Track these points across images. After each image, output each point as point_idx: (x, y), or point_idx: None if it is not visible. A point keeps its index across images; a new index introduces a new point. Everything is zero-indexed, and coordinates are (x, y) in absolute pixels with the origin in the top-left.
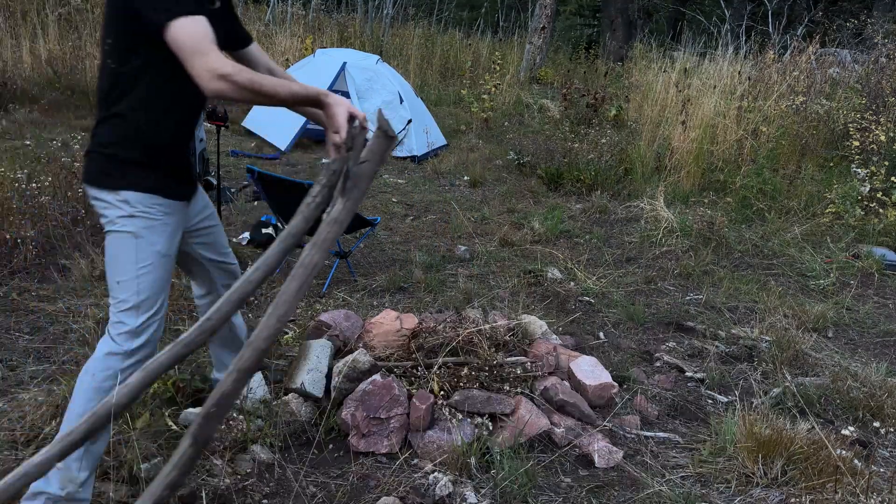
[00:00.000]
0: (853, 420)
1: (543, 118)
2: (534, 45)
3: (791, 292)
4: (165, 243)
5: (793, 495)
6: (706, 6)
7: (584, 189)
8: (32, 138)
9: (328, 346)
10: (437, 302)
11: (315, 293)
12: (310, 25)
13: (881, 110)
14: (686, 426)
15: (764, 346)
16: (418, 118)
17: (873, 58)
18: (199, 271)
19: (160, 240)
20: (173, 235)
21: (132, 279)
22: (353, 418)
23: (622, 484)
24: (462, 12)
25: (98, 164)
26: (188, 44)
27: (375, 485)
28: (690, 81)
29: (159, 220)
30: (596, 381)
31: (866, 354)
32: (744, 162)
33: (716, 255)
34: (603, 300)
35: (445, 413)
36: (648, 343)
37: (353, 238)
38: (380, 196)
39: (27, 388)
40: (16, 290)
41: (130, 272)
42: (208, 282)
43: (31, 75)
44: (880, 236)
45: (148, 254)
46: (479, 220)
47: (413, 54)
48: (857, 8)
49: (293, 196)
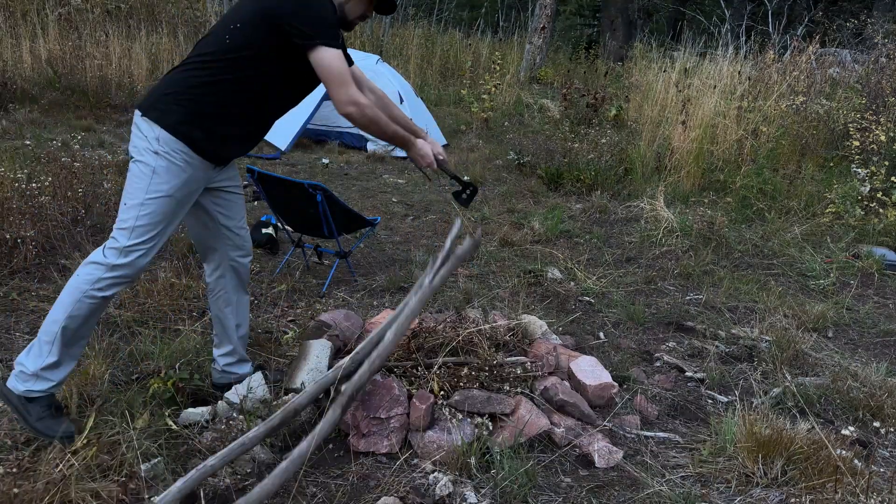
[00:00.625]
0: (853, 420)
1: (543, 118)
2: (534, 45)
3: (791, 292)
4: (178, 187)
5: (793, 495)
6: (706, 6)
7: (584, 189)
8: (32, 138)
9: (328, 346)
10: (437, 302)
11: (315, 293)
12: None
13: (881, 110)
14: (686, 426)
15: (764, 346)
16: (418, 118)
17: (873, 58)
18: (212, 238)
19: (174, 181)
20: (187, 184)
21: (137, 204)
22: (352, 418)
23: (622, 484)
24: (462, 12)
25: (154, 98)
26: (336, 71)
27: (375, 485)
28: (690, 81)
29: (179, 165)
30: (596, 381)
31: (866, 354)
32: (744, 162)
33: (716, 255)
34: (603, 300)
35: (445, 413)
36: (648, 343)
37: (354, 238)
38: (380, 196)
39: None
40: (16, 290)
41: (138, 198)
42: (218, 254)
43: (31, 75)
44: (880, 236)
45: (159, 189)
46: (479, 220)
47: (413, 54)
48: (857, 8)
49: (293, 196)
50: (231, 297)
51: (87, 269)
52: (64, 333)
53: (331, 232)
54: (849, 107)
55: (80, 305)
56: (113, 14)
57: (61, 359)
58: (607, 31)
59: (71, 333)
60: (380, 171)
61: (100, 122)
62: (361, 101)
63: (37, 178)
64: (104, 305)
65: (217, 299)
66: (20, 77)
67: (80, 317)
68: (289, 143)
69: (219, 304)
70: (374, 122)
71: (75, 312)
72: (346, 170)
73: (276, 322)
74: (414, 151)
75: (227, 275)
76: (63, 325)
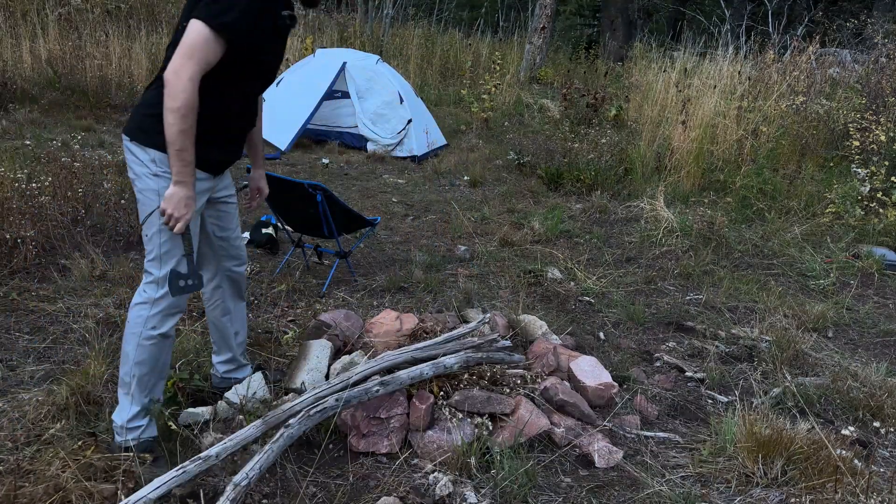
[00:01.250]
0: (853, 420)
1: (543, 118)
2: (534, 45)
3: (791, 292)
4: None
5: (793, 495)
6: (706, 6)
7: (584, 189)
8: (32, 138)
9: (328, 346)
10: (437, 302)
11: (315, 293)
12: (310, 25)
13: (881, 110)
14: (686, 426)
15: (764, 346)
16: (418, 118)
17: (873, 58)
18: (208, 251)
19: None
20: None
21: (156, 233)
22: (352, 418)
23: (622, 484)
24: (462, 12)
25: (138, 120)
26: (190, 43)
27: (375, 485)
28: (690, 81)
29: None
30: (596, 381)
31: (866, 354)
32: (744, 162)
33: (716, 255)
34: (603, 300)
35: (445, 413)
36: (648, 343)
37: (353, 238)
38: (380, 196)
39: (27, 388)
40: (16, 290)
41: (154, 226)
42: (214, 265)
43: (31, 75)
44: (880, 236)
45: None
46: (479, 220)
47: (413, 54)
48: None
49: (293, 196)
50: (228, 305)
51: (133, 312)
52: (140, 382)
53: (331, 232)
54: (849, 107)
55: (141, 350)
56: (113, 14)
57: (144, 405)
58: (607, 31)
59: (147, 379)
60: (380, 171)
61: (100, 122)
62: (186, 80)
63: (37, 178)
64: (167, 342)
65: (214, 308)
66: (20, 77)
67: (148, 360)
68: (289, 143)
69: (216, 314)
70: (178, 109)
71: (140, 358)
72: (346, 170)
73: (276, 322)
74: (171, 190)
75: (223, 285)
76: (136, 375)
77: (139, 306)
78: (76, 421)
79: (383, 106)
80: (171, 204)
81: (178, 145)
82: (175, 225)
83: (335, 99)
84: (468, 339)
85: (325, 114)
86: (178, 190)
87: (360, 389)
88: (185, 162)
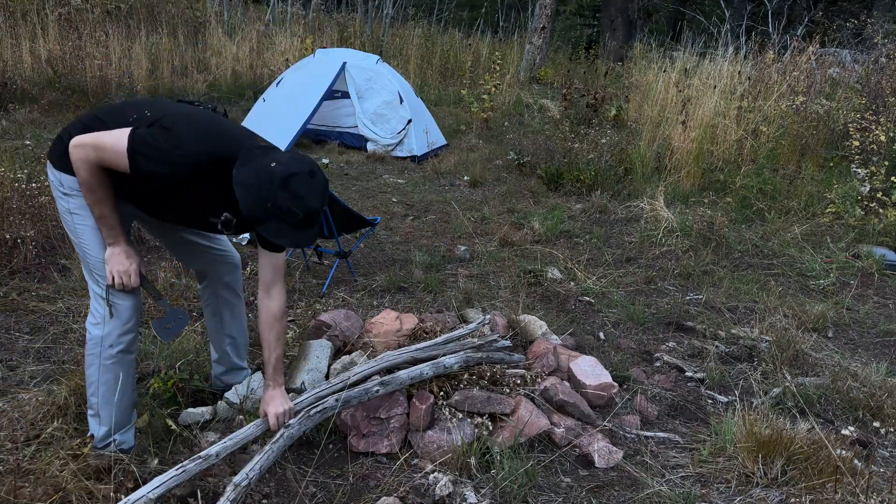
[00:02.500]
0: (853, 420)
1: (543, 118)
2: (534, 45)
3: (791, 292)
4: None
5: (793, 495)
6: (706, 6)
7: (584, 189)
8: (32, 138)
9: (328, 346)
10: (437, 302)
11: (315, 293)
12: (310, 25)
13: (881, 110)
14: (686, 426)
15: (764, 346)
16: (418, 118)
17: (873, 58)
18: (200, 261)
19: (91, 218)
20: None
21: (77, 247)
22: (352, 418)
23: (622, 484)
24: (462, 12)
25: (55, 145)
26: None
27: (375, 485)
28: (690, 81)
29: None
30: (596, 381)
31: (866, 354)
32: (744, 162)
33: (716, 255)
34: (603, 300)
35: (445, 413)
36: (648, 343)
37: (353, 238)
38: (380, 196)
39: (27, 388)
40: (16, 290)
41: (75, 241)
42: (208, 275)
43: (31, 75)
44: (880, 236)
45: (82, 228)
46: (479, 220)
47: (413, 54)
48: (857, 8)
49: None
50: (224, 313)
51: (88, 335)
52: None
53: (331, 232)
54: (849, 107)
55: (104, 370)
56: (113, 14)
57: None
58: (607, 31)
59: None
60: (380, 171)
61: None
62: (81, 148)
63: (37, 178)
64: (129, 357)
65: (205, 308)
66: (20, 77)
67: (110, 380)
68: (289, 143)
69: (207, 313)
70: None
71: (104, 378)
72: (346, 170)
73: None
74: (107, 252)
75: (219, 292)
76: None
77: (91, 326)
78: (76, 421)
79: (383, 106)
80: (111, 264)
81: (95, 213)
82: (125, 280)
83: (335, 99)
84: (468, 340)
85: (324, 114)
86: (111, 250)
87: (359, 389)
88: (108, 226)
